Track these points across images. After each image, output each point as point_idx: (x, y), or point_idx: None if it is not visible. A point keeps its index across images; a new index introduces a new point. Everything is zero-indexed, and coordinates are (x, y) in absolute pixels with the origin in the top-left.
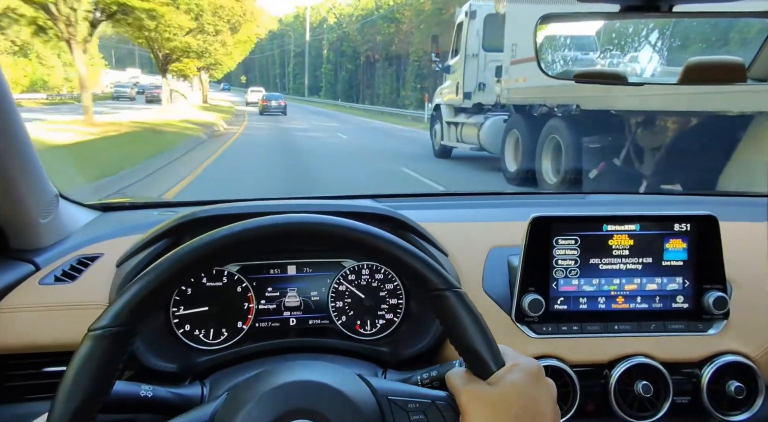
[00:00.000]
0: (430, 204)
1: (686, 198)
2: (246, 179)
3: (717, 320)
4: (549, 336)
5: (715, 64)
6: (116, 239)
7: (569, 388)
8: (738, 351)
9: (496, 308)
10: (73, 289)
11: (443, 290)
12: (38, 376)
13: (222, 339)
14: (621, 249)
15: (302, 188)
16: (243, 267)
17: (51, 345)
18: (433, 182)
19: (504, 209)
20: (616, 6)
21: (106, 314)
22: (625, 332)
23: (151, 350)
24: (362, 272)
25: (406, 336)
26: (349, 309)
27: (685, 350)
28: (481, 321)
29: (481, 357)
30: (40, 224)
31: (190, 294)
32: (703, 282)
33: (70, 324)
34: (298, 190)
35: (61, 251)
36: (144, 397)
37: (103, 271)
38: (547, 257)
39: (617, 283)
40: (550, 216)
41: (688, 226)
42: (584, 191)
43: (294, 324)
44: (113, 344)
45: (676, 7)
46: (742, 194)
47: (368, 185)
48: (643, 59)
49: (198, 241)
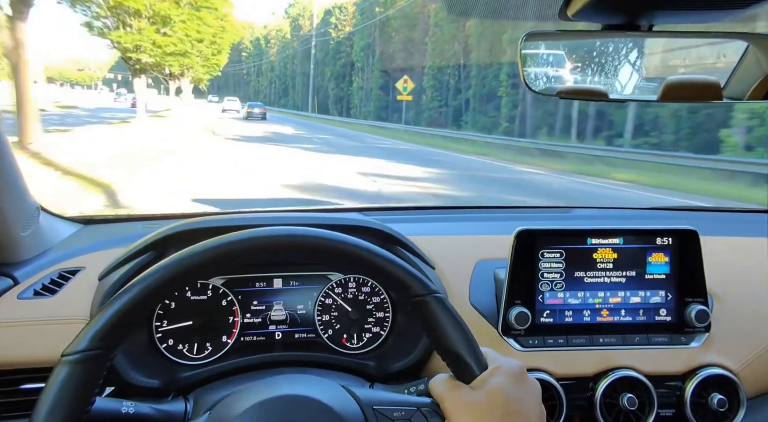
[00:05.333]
0: (416, 217)
1: (670, 213)
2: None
3: (699, 333)
4: (535, 348)
5: (692, 84)
6: (98, 252)
7: (555, 401)
8: (720, 363)
9: (483, 320)
10: (53, 303)
11: (424, 295)
12: (16, 394)
13: (206, 353)
14: (605, 263)
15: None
16: (228, 280)
17: (29, 361)
18: None
19: (490, 222)
20: (597, 25)
21: (81, 337)
22: (609, 345)
23: (133, 365)
24: (349, 286)
25: (393, 350)
26: (335, 323)
27: (669, 363)
28: (462, 325)
29: (463, 361)
30: (19, 236)
31: (174, 308)
32: (685, 295)
33: (50, 340)
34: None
35: (41, 264)
36: (126, 414)
37: (85, 285)
38: (533, 270)
39: (602, 296)
40: (536, 229)
41: (669, 240)
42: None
43: (280, 338)
44: (90, 368)
45: (656, 27)
46: (724, 210)
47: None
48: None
49: (182, 254)
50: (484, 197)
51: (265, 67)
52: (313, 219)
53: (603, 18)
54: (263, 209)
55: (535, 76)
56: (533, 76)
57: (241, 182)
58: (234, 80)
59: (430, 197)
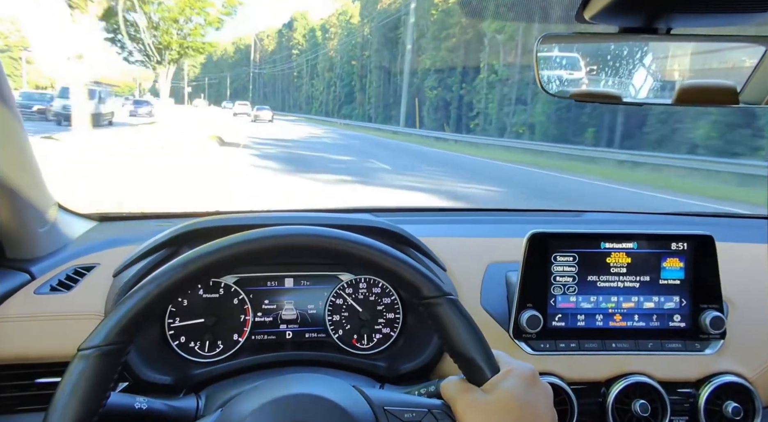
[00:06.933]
0: (428, 219)
1: (684, 218)
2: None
3: (714, 339)
4: (547, 352)
5: (708, 88)
6: (113, 249)
7: (567, 406)
8: (735, 371)
9: (494, 324)
10: (69, 299)
11: (437, 297)
12: (31, 387)
13: (217, 351)
14: (619, 267)
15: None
16: (240, 279)
17: (45, 355)
18: None
19: (502, 225)
20: (614, 28)
21: (97, 332)
22: (622, 350)
23: (146, 362)
24: (359, 286)
25: (404, 351)
26: (346, 323)
27: (683, 369)
28: (475, 327)
29: (475, 364)
30: (37, 233)
31: (186, 306)
32: (699, 301)
33: (65, 335)
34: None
35: (57, 260)
36: (139, 410)
37: (100, 281)
38: (545, 273)
39: (615, 301)
40: (548, 232)
41: (684, 245)
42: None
43: (290, 337)
44: (105, 363)
45: (674, 30)
46: (741, 216)
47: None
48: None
49: (195, 253)
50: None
51: (322, 66)
52: (325, 219)
53: (620, 21)
54: (274, 208)
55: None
56: (547, 79)
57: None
58: (283, 84)
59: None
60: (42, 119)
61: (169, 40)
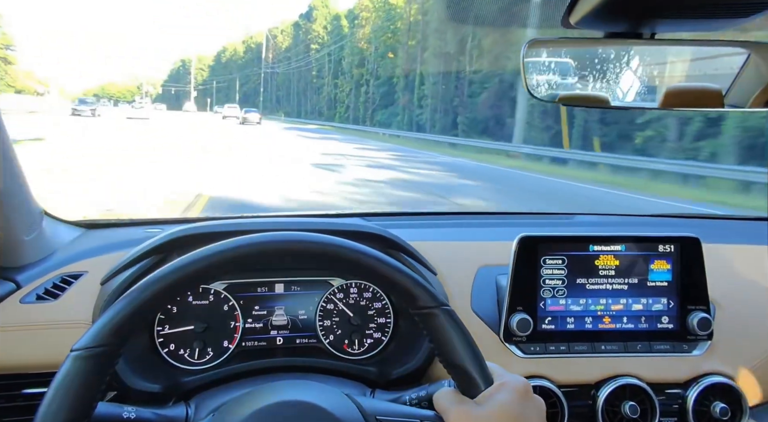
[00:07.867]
0: (418, 223)
1: (672, 220)
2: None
3: (701, 341)
4: (537, 355)
5: (693, 91)
6: (101, 256)
7: (557, 409)
8: (722, 372)
9: (485, 327)
10: (56, 308)
11: (432, 307)
12: (18, 398)
13: (207, 358)
14: (607, 269)
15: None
16: (230, 285)
17: (32, 365)
18: None
19: (492, 228)
20: (600, 33)
21: (89, 333)
22: (611, 352)
23: (135, 370)
24: (350, 291)
25: (395, 356)
26: (336, 328)
27: (671, 371)
28: (470, 339)
29: (469, 376)
30: (23, 241)
31: (176, 313)
32: (687, 303)
33: (52, 344)
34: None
35: (43, 268)
36: (127, 419)
37: (87, 289)
38: (535, 276)
39: (604, 303)
40: (538, 236)
41: (671, 247)
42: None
43: (281, 343)
44: (96, 365)
45: (658, 35)
46: (726, 217)
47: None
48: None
49: (185, 259)
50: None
51: (349, 62)
52: (315, 225)
53: (605, 26)
54: (263, 214)
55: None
56: (535, 83)
57: None
58: (299, 86)
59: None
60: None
61: None
